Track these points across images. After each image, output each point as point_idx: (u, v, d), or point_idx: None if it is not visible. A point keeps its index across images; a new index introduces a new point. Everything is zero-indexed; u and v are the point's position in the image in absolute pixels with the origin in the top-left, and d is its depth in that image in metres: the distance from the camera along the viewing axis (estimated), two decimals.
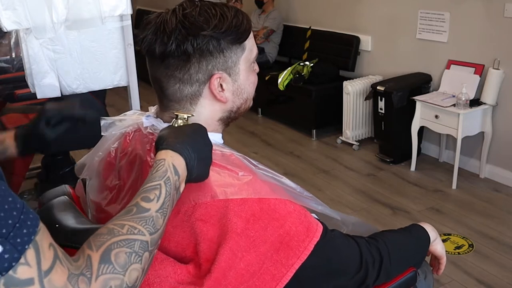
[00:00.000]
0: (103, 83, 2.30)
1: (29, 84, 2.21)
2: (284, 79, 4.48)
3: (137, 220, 0.70)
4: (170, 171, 0.76)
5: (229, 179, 0.86)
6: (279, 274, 0.84)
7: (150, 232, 0.70)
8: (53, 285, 0.59)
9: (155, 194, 0.73)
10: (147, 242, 0.69)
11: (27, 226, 0.57)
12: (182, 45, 0.87)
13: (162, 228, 0.72)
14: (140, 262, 0.67)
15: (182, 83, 0.91)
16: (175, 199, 0.77)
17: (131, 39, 2.27)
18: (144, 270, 0.69)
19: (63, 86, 2.21)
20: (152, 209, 0.72)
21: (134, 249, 0.67)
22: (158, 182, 0.74)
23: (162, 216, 0.73)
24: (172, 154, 0.78)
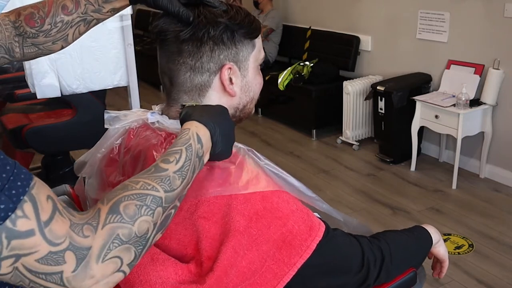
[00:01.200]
0: (103, 83, 2.30)
1: (29, 84, 2.21)
2: (284, 79, 4.47)
3: (153, 178, 0.70)
4: (193, 139, 0.76)
5: (233, 176, 0.86)
6: (281, 273, 0.84)
7: (165, 189, 0.69)
8: (55, 234, 0.59)
9: (174, 157, 0.73)
10: (161, 198, 0.68)
11: (20, 179, 0.58)
12: (198, 31, 0.89)
13: (179, 189, 0.71)
14: (151, 216, 0.66)
15: (193, 72, 0.92)
16: (196, 166, 0.76)
17: (131, 39, 2.27)
18: (157, 225, 0.67)
19: (63, 86, 2.21)
20: (170, 169, 0.71)
21: (145, 203, 0.66)
22: (179, 148, 0.75)
23: (180, 178, 0.72)
24: (197, 125, 0.79)
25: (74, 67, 2.19)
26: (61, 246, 0.60)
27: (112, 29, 2.21)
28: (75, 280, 0.60)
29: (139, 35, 7.91)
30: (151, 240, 0.68)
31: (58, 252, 0.59)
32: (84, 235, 0.61)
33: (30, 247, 0.58)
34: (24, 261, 0.58)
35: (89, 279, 0.61)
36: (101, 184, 1.03)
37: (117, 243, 0.63)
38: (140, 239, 0.65)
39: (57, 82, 2.19)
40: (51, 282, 0.60)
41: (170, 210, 0.70)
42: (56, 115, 3.07)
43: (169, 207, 0.70)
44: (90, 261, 0.61)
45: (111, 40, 2.23)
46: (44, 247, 0.59)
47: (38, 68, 2.13)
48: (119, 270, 0.64)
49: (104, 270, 0.62)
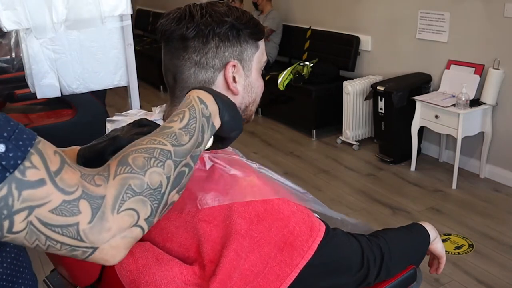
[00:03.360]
0: (103, 83, 2.30)
1: (29, 84, 2.21)
2: (284, 79, 4.48)
3: (159, 134, 0.69)
4: (195, 100, 0.76)
5: (233, 182, 0.86)
6: (284, 274, 0.84)
7: (172, 144, 0.68)
8: (67, 183, 0.58)
9: (178, 117, 0.73)
10: (169, 151, 0.67)
11: (26, 133, 0.58)
12: (205, 29, 0.90)
13: (188, 145, 0.70)
14: (161, 167, 0.65)
15: (198, 67, 0.92)
16: (205, 126, 0.75)
17: (131, 39, 2.27)
18: (170, 180, 0.66)
19: (63, 86, 2.21)
20: (175, 126, 0.71)
21: (154, 155, 0.65)
22: (182, 110, 0.75)
23: (187, 134, 0.71)
24: (197, 91, 0.80)
25: (74, 67, 2.19)
26: (75, 195, 0.58)
27: (112, 29, 2.21)
28: (92, 233, 0.59)
29: (139, 35, 7.92)
30: (167, 197, 0.66)
31: (72, 201, 0.58)
32: (96, 184, 0.60)
33: (43, 197, 0.57)
34: (38, 213, 0.57)
35: (106, 231, 0.60)
36: None
37: (130, 193, 0.62)
38: (154, 192, 0.64)
39: (57, 82, 2.19)
40: (67, 236, 0.58)
41: (182, 168, 0.69)
42: (56, 115, 3.07)
43: (181, 162, 0.68)
44: (106, 211, 0.59)
45: (111, 40, 2.23)
46: (57, 196, 0.57)
47: (38, 68, 2.13)
48: (136, 225, 0.62)
49: (121, 222, 0.61)
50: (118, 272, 0.83)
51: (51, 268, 1.07)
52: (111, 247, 0.61)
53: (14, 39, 3.24)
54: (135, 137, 0.89)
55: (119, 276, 0.83)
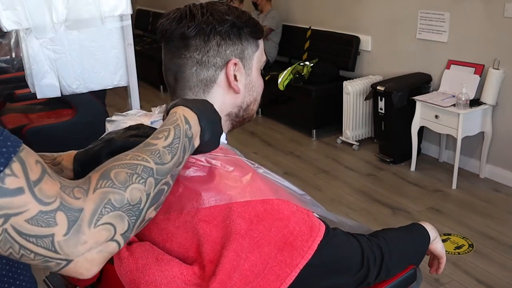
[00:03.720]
0: (103, 83, 2.30)
1: (29, 84, 2.21)
2: (284, 79, 4.48)
3: (143, 151, 0.70)
4: (181, 119, 0.77)
5: (232, 182, 0.86)
6: (284, 274, 0.84)
7: (155, 161, 0.68)
8: (45, 194, 0.58)
9: (163, 134, 0.73)
10: (152, 169, 0.67)
11: (10, 141, 0.58)
12: (206, 27, 0.91)
13: (170, 164, 0.71)
14: (143, 184, 0.65)
15: (200, 66, 0.93)
16: (187, 147, 0.76)
17: (131, 39, 2.27)
18: (150, 197, 0.66)
19: (63, 86, 2.21)
20: (159, 144, 0.71)
21: (136, 171, 0.65)
22: (167, 127, 0.75)
23: (170, 153, 0.71)
24: (184, 108, 0.80)
25: (74, 67, 2.19)
26: (52, 206, 0.58)
27: (112, 29, 2.21)
28: (67, 245, 0.58)
29: (139, 35, 7.92)
30: (145, 213, 0.66)
31: (49, 212, 0.58)
32: (75, 197, 0.60)
33: (20, 206, 0.56)
34: (14, 222, 0.56)
35: (82, 245, 0.59)
36: None
37: (109, 208, 0.61)
38: (133, 208, 0.64)
39: (57, 82, 2.19)
40: (42, 247, 0.58)
41: (162, 186, 0.69)
42: (56, 115, 3.07)
43: (161, 181, 0.69)
44: (82, 225, 0.59)
45: (111, 40, 2.23)
46: (34, 206, 0.57)
47: (38, 68, 2.13)
48: (113, 239, 0.62)
49: (97, 236, 0.60)
50: (118, 272, 0.83)
51: None
52: (86, 261, 0.60)
53: (14, 39, 3.24)
54: (130, 139, 0.90)
55: (119, 276, 0.83)
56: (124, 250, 0.84)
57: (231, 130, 1.03)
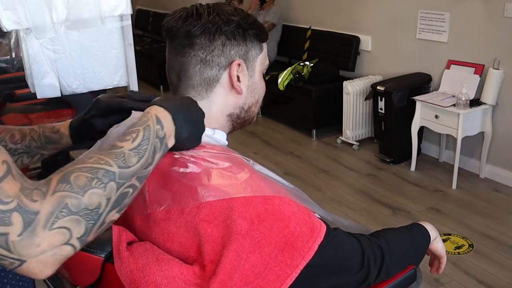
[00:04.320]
0: (103, 83, 2.29)
1: (29, 84, 2.21)
2: (284, 79, 4.48)
3: (107, 154, 0.70)
4: (152, 120, 0.77)
5: (227, 179, 0.86)
6: (284, 275, 0.84)
7: (119, 165, 0.69)
8: (4, 193, 0.59)
9: (131, 136, 0.73)
10: (114, 173, 0.67)
11: None
12: (211, 27, 0.92)
13: (135, 167, 0.71)
14: (103, 189, 0.65)
15: (203, 65, 0.94)
16: (158, 147, 0.76)
17: (131, 39, 2.27)
18: (110, 201, 0.66)
19: (63, 86, 2.21)
20: (126, 147, 0.71)
21: (97, 176, 0.66)
22: (137, 128, 0.75)
23: (137, 156, 0.71)
24: (157, 108, 0.80)
25: (74, 67, 2.19)
26: (9, 206, 0.59)
27: (112, 29, 2.21)
28: (21, 246, 0.59)
29: (139, 35, 7.92)
30: (104, 217, 0.66)
31: (5, 211, 0.59)
32: (32, 199, 0.61)
33: None
34: None
35: (35, 247, 0.60)
36: None
37: (66, 212, 0.62)
38: (91, 213, 0.64)
39: (57, 82, 2.18)
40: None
41: (126, 188, 0.69)
42: (56, 115, 3.06)
43: (125, 184, 0.69)
44: (37, 228, 0.60)
45: (111, 40, 2.23)
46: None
47: (38, 68, 2.13)
48: (68, 243, 0.62)
49: (51, 239, 0.61)
50: (118, 272, 0.83)
51: None
52: (40, 263, 0.61)
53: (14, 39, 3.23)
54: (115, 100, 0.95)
55: (119, 276, 0.83)
56: (124, 250, 0.84)
57: (232, 131, 1.04)
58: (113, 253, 0.85)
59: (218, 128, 0.98)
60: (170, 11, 0.98)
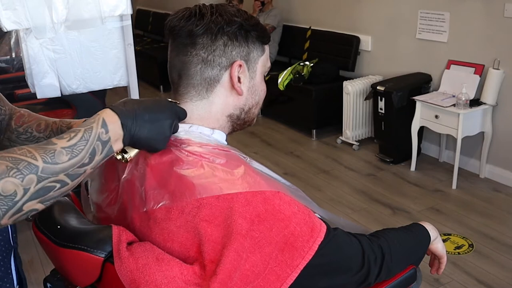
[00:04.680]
0: (103, 83, 2.29)
1: (29, 84, 2.21)
2: (284, 79, 4.48)
3: (38, 148, 0.72)
4: (97, 123, 0.78)
5: (226, 175, 0.86)
6: (284, 275, 0.84)
7: (45, 160, 0.71)
8: None
9: (69, 135, 0.76)
10: (37, 166, 0.70)
11: None
12: (214, 27, 0.92)
13: (64, 164, 0.73)
14: (20, 180, 0.68)
15: (205, 64, 0.94)
16: (98, 150, 0.77)
17: (131, 39, 2.27)
18: (29, 192, 0.69)
19: (63, 86, 2.21)
20: (59, 144, 0.74)
21: (18, 167, 0.68)
22: (78, 128, 0.77)
23: (69, 154, 0.73)
24: (108, 111, 0.81)
25: (74, 67, 2.19)
26: None
27: (112, 29, 2.21)
28: None
29: (139, 35, 7.92)
30: (21, 205, 0.69)
31: None
32: None
33: None
34: None
35: None
36: (100, 188, 1.03)
37: None
38: (5, 199, 0.67)
39: (57, 82, 2.19)
40: None
41: (51, 183, 0.72)
42: (56, 115, 3.05)
43: (49, 178, 0.71)
44: None
45: (111, 40, 2.23)
46: None
47: (38, 68, 2.13)
48: None
49: None
50: (118, 271, 0.83)
51: (51, 268, 1.07)
52: None
53: (14, 39, 3.24)
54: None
55: (119, 276, 0.83)
56: (124, 250, 0.84)
57: (231, 133, 1.04)
58: (113, 253, 0.84)
59: (217, 128, 0.98)
60: (170, 11, 0.98)
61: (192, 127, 0.96)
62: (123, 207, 0.94)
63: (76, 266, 0.90)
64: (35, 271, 2.42)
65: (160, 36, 7.38)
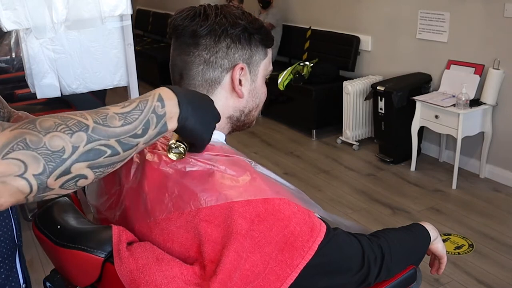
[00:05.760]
0: (103, 83, 2.29)
1: (29, 84, 2.21)
2: (284, 79, 4.48)
3: (90, 112, 0.69)
4: (153, 96, 0.75)
5: (229, 182, 0.86)
6: (284, 275, 0.84)
7: (96, 121, 0.67)
8: None
9: (123, 104, 0.72)
10: (87, 125, 0.66)
11: None
12: (218, 28, 0.92)
13: (116, 129, 0.69)
14: (69, 135, 0.64)
15: (207, 66, 0.94)
16: (152, 122, 0.73)
17: (131, 39, 2.27)
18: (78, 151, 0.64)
19: (63, 86, 2.21)
20: (112, 109, 0.71)
21: (67, 123, 0.65)
22: (134, 99, 0.74)
23: (122, 120, 0.70)
24: (164, 89, 0.77)
25: (74, 67, 2.19)
26: None
27: (112, 29, 2.21)
28: None
29: (139, 35, 7.92)
30: (70, 165, 0.64)
31: None
32: None
33: None
34: None
35: None
36: (99, 191, 1.03)
37: (22, 146, 0.61)
38: (52, 155, 0.62)
39: (57, 82, 2.19)
40: None
41: (101, 146, 0.67)
42: None
43: (99, 140, 0.67)
44: None
45: (111, 40, 2.23)
46: None
47: (38, 68, 2.13)
48: (22, 176, 0.61)
49: (4, 168, 0.60)
50: (118, 271, 0.83)
51: (51, 268, 1.07)
52: None
53: (14, 39, 3.24)
54: None
55: (119, 276, 0.83)
56: (124, 250, 0.84)
57: (230, 133, 1.04)
58: (113, 253, 0.84)
59: (217, 128, 0.98)
60: (170, 11, 0.98)
61: None
62: (125, 214, 0.94)
63: (76, 266, 0.90)
64: (35, 271, 2.42)
65: (160, 36, 7.38)
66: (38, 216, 0.98)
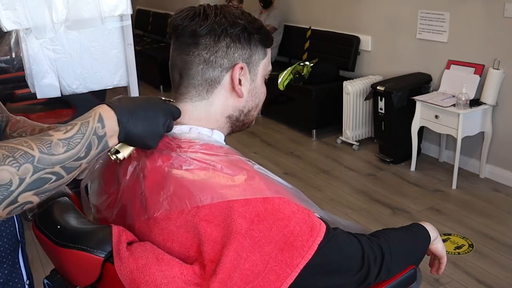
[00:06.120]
0: (103, 83, 2.29)
1: (29, 84, 2.21)
2: (284, 79, 4.48)
3: (35, 139, 0.72)
4: (94, 117, 0.78)
5: (226, 181, 0.86)
6: (284, 274, 0.84)
7: (41, 151, 0.70)
8: None
9: (65, 128, 0.75)
10: (34, 156, 0.69)
11: None
12: (217, 28, 0.92)
13: (60, 156, 0.72)
14: (16, 168, 0.67)
15: (206, 65, 0.94)
16: (94, 144, 0.77)
17: (131, 39, 2.27)
18: (25, 182, 0.68)
19: (63, 86, 2.21)
20: (56, 136, 0.73)
21: (14, 155, 0.68)
22: (75, 122, 0.77)
23: (65, 146, 0.73)
24: (104, 107, 0.81)
25: (74, 67, 2.19)
26: None
27: (112, 29, 2.21)
28: None
29: (139, 35, 7.92)
30: (17, 196, 0.68)
31: None
32: None
33: None
34: None
35: None
36: (99, 190, 1.03)
37: None
38: (0, 188, 0.66)
39: (57, 82, 2.18)
40: None
41: (46, 174, 0.71)
42: (56, 115, 3.07)
43: (45, 169, 0.70)
44: None
45: (111, 40, 2.23)
46: None
47: (38, 68, 2.12)
48: None
49: None
50: (118, 271, 0.83)
51: (51, 268, 1.07)
52: None
53: (14, 39, 3.24)
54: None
55: (119, 276, 0.83)
56: (124, 250, 0.84)
57: (230, 133, 1.04)
58: (113, 253, 0.84)
59: (216, 128, 0.99)
60: (170, 11, 0.98)
61: (192, 129, 0.96)
62: (122, 212, 0.94)
63: (76, 266, 0.90)
64: (35, 271, 2.41)
65: (160, 36, 7.38)
66: (38, 216, 0.98)
